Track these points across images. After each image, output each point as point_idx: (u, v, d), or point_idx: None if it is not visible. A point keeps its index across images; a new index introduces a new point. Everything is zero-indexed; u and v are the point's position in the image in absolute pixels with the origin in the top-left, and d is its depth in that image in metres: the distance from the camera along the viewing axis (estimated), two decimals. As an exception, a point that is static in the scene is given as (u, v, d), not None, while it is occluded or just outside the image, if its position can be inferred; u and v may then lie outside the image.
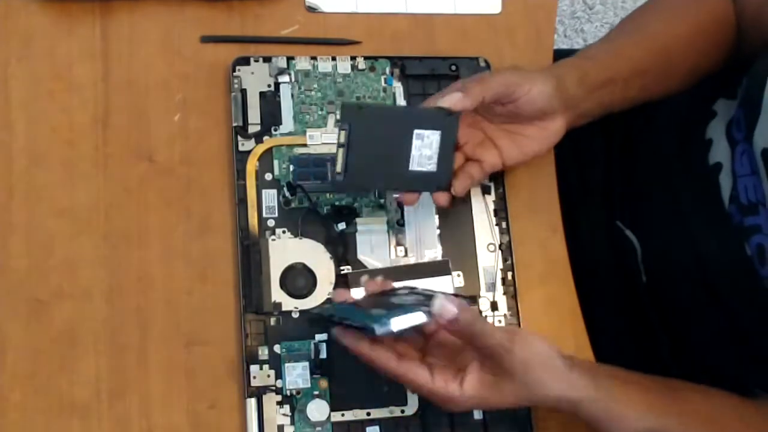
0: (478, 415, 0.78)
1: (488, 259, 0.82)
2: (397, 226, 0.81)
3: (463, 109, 0.73)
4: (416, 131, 0.73)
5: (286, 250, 0.78)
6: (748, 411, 0.76)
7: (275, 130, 0.81)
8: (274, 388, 0.75)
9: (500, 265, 0.82)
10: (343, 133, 0.72)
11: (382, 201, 0.81)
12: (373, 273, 0.78)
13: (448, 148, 0.75)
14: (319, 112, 0.83)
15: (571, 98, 0.78)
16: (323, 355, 0.76)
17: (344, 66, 0.84)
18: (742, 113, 0.77)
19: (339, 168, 0.72)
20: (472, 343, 0.67)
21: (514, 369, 0.67)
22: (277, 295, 0.77)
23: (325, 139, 0.81)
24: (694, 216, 0.81)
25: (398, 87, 0.84)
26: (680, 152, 0.85)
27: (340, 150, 0.72)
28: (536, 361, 0.68)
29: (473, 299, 0.81)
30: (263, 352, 0.76)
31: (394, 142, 0.73)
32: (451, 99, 0.73)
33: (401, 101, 0.84)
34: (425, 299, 0.68)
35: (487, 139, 0.79)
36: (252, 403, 0.75)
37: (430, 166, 0.75)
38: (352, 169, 0.73)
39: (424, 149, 0.74)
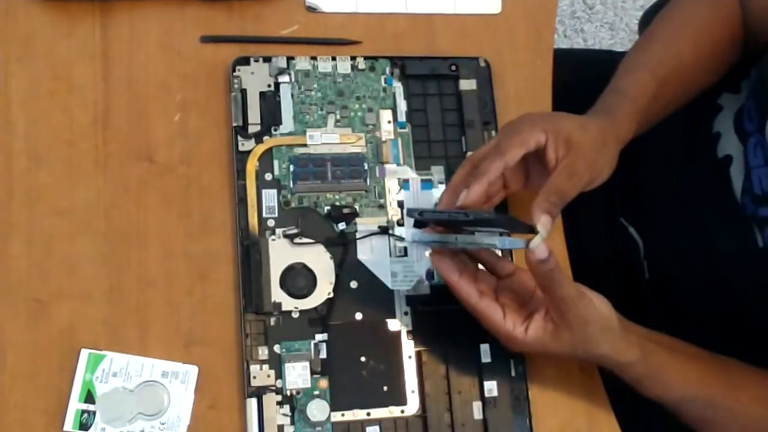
0: (478, 414, 0.78)
1: (488, 259, 0.82)
2: (397, 226, 0.81)
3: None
4: (500, 239, 0.71)
5: (286, 250, 0.78)
6: None
7: (275, 130, 0.81)
8: (274, 388, 0.75)
9: (500, 265, 0.82)
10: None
11: (381, 201, 0.81)
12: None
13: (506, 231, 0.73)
14: (319, 112, 0.83)
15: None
16: (323, 355, 0.76)
17: (344, 66, 0.84)
18: (753, 104, 0.77)
19: (422, 209, 0.76)
20: (546, 289, 0.70)
21: (575, 322, 0.70)
22: (277, 295, 0.77)
23: (325, 139, 0.82)
24: (703, 209, 0.82)
25: (398, 87, 0.84)
26: (687, 147, 0.85)
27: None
28: (596, 320, 0.71)
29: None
30: (263, 352, 0.76)
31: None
32: (546, 225, 0.69)
33: (401, 101, 0.84)
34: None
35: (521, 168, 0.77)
36: (252, 403, 0.75)
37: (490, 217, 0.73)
38: (428, 215, 0.74)
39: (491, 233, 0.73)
